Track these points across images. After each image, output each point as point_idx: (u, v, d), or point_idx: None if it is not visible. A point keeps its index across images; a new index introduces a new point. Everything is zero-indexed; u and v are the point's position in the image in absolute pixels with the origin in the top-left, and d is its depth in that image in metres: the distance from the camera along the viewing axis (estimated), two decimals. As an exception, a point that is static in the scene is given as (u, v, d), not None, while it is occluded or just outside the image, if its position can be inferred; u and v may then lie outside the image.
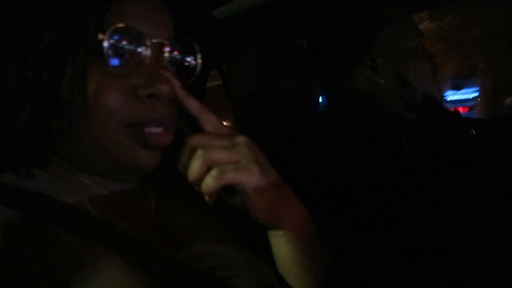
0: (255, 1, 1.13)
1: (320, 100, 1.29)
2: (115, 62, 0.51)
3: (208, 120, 0.55)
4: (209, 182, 0.50)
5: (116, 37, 0.51)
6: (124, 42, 0.52)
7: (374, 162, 0.91)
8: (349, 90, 1.04)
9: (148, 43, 0.52)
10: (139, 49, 0.52)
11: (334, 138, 0.96)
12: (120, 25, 0.51)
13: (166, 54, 0.54)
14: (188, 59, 0.59)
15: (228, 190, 0.53)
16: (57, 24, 0.51)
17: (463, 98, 7.24)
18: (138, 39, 0.52)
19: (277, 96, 1.18)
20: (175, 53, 0.57)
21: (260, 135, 1.21)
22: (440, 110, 1.04)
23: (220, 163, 0.50)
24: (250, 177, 0.51)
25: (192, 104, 0.54)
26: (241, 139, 0.53)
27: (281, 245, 0.57)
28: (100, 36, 0.50)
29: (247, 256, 0.59)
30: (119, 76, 0.52)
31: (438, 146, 0.95)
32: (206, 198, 0.51)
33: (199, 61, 0.60)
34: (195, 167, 0.50)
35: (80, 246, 0.48)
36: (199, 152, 0.50)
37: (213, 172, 0.50)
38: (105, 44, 0.50)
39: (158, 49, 0.54)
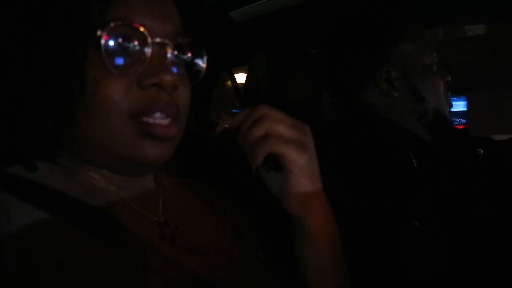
0: (271, 7, 1.13)
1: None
2: (115, 58, 0.51)
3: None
4: (263, 145, 0.52)
5: (116, 34, 0.51)
6: (124, 39, 0.51)
7: (380, 175, 0.90)
8: (362, 101, 1.03)
9: (150, 42, 0.51)
10: (140, 48, 0.52)
11: (342, 148, 0.95)
12: (120, 22, 0.50)
13: (169, 55, 0.53)
14: (193, 61, 0.59)
15: (272, 166, 0.56)
16: (58, 18, 0.51)
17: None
18: (139, 37, 0.52)
19: (285, 102, 1.18)
20: (179, 53, 0.56)
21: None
22: (450, 127, 1.03)
23: (280, 135, 0.53)
24: (300, 157, 0.53)
25: (257, 112, 0.55)
26: (307, 128, 0.56)
27: (303, 242, 0.58)
28: (99, 32, 0.50)
29: (250, 259, 0.60)
30: (121, 68, 0.51)
31: (446, 163, 0.94)
32: (252, 161, 0.53)
33: (204, 64, 0.59)
34: (257, 129, 0.53)
35: (90, 244, 0.47)
36: (265, 121, 0.53)
37: (271, 138, 0.52)
38: (104, 40, 0.49)
39: (160, 48, 0.53)
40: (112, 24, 0.50)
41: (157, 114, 0.52)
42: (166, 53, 0.53)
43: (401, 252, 0.85)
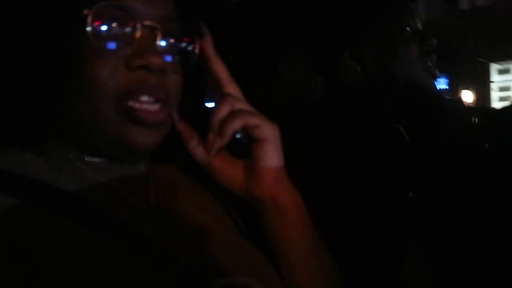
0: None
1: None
2: (101, 39, 0.50)
3: (234, 90, 0.59)
4: (234, 119, 0.54)
5: (103, 14, 0.49)
6: (112, 20, 0.50)
7: (372, 150, 0.90)
8: (338, 79, 1.01)
9: (138, 25, 0.50)
10: (128, 30, 0.51)
11: (331, 129, 0.95)
12: (108, 2, 0.49)
13: (159, 38, 0.52)
14: (185, 47, 0.57)
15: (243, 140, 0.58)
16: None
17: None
18: (127, 19, 0.50)
19: (279, 85, 1.17)
20: (170, 38, 0.55)
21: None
22: (429, 97, 0.98)
23: (245, 110, 0.56)
24: (272, 126, 0.56)
25: (219, 68, 0.59)
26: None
27: (275, 220, 0.58)
28: (86, 11, 0.48)
29: (245, 247, 0.59)
30: (108, 50, 0.50)
31: (438, 134, 0.94)
32: (223, 136, 0.55)
33: (197, 51, 0.57)
34: (224, 107, 0.55)
35: (75, 233, 0.47)
36: (227, 99, 0.56)
37: (240, 113, 0.55)
38: (90, 20, 0.48)
39: (149, 32, 0.52)
40: (99, 4, 0.49)
41: (144, 97, 0.51)
42: (155, 36, 0.52)
43: (397, 223, 0.85)
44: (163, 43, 0.53)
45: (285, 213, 0.57)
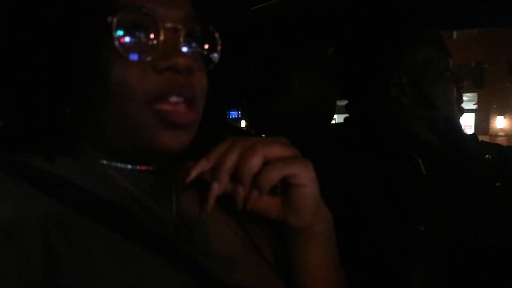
0: (284, 7, 1.12)
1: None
2: (126, 44, 0.50)
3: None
4: (270, 173, 0.50)
5: (126, 20, 0.50)
6: (135, 25, 0.51)
7: (387, 179, 0.90)
8: (372, 104, 1.02)
9: (161, 27, 0.51)
10: (152, 33, 0.51)
11: (349, 150, 0.95)
12: (130, 8, 0.50)
13: (182, 39, 0.52)
14: (207, 46, 0.58)
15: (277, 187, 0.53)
16: (68, 4, 0.51)
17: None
18: (150, 23, 0.51)
19: (293, 101, 1.17)
20: (193, 38, 0.55)
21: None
22: (460, 135, 1.02)
23: (278, 156, 0.51)
24: (307, 169, 0.52)
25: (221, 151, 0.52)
26: (283, 139, 0.54)
27: (310, 247, 0.57)
28: (110, 18, 0.49)
29: (260, 258, 0.60)
30: (134, 54, 0.51)
31: (454, 169, 0.94)
32: (260, 191, 0.51)
33: (219, 49, 0.58)
34: (254, 161, 0.50)
35: (108, 239, 0.48)
36: (256, 147, 0.50)
37: (275, 164, 0.50)
38: (115, 26, 0.49)
39: (172, 33, 0.52)
40: (122, 10, 0.50)
41: (173, 98, 0.51)
42: (179, 37, 0.52)
43: (406, 257, 0.84)
44: (186, 44, 0.53)
45: (318, 239, 0.56)
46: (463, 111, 1.06)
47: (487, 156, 0.98)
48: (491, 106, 14.32)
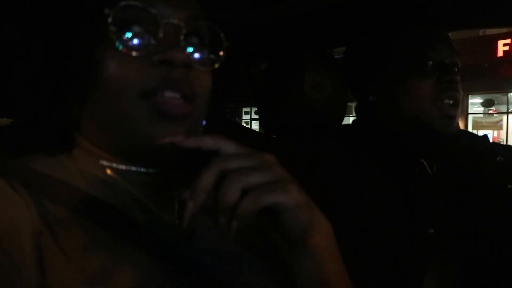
0: (293, 10, 1.12)
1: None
2: (123, 37, 0.50)
3: (228, 146, 0.49)
4: (248, 206, 0.45)
5: (125, 13, 0.50)
6: (134, 19, 0.51)
7: (395, 182, 0.89)
8: (369, 104, 1.00)
9: (160, 24, 0.51)
10: (151, 29, 0.51)
11: (358, 153, 0.94)
12: (130, 1, 0.50)
13: (182, 36, 0.52)
14: (211, 45, 0.56)
15: (261, 212, 0.48)
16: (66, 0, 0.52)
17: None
18: (149, 18, 0.51)
19: (305, 102, 1.17)
20: (195, 37, 0.55)
21: (285, 141, 1.21)
22: (437, 139, 0.92)
23: (256, 185, 0.46)
24: (289, 196, 0.47)
25: (207, 143, 0.49)
26: (269, 157, 0.49)
27: (307, 260, 0.53)
28: (107, 11, 0.49)
29: (264, 262, 0.59)
30: (130, 48, 0.50)
31: (463, 171, 0.92)
32: (240, 222, 0.46)
33: (223, 50, 0.57)
34: (230, 192, 0.45)
35: (107, 242, 0.48)
36: (233, 176, 0.45)
37: (252, 195, 0.45)
38: (112, 19, 0.49)
39: (172, 30, 0.52)
40: (121, 3, 0.49)
41: (169, 93, 0.51)
42: (179, 34, 0.52)
43: (416, 260, 0.83)
44: (187, 42, 0.53)
45: (315, 252, 0.53)
46: (446, 112, 0.89)
47: (498, 158, 0.96)
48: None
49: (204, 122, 0.58)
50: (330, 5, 1.05)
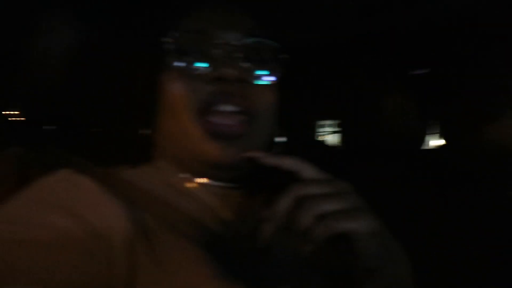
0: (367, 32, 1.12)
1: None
2: (181, 60, 0.55)
3: (307, 170, 0.52)
4: (321, 231, 0.46)
5: (182, 39, 0.55)
6: (190, 44, 0.55)
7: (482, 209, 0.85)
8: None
9: (216, 45, 0.55)
10: (205, 50, 0.55)
11: (437, 177, 0.92)
12: (186, 29, 0.55)
13: (236, 54, 0.55)
14: (267, 60, 0.59)
15: (334, 240, 0.49)
16: (134, 29, 0.59)
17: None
18: (205, 40, 0.55)
19: (387, 121, 1.16)
20: (249, 55, 0.57)
21: (363, 162, 1.20)
22: None
23: (331, 212, 0.47)
24: (363, 224, 0.48)
25: (287, 163, 0.52)
26: (345, 186, 0.51)
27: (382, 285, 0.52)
28: (167, 38, 0.54)
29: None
30: (188, 68, 0.55)
31: None
32: (311, 247, 0.48)
33: (280, 65, 0.59)
34: (305, 218, 0.47)
35: (184, 247, 0.51)
36: (309, 203, 0.47)
37: (326, 221, 0.47)
38: (171, 45, 0.54)
39: (225, 50, 0.55)
40: (179, 30, 0.55)
41: (222, 106, 0.54)
42: (233, 52, 0.55)
43: None
44: (242, 59, 0.56)
45: (390, 282, 0.52)
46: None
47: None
48: None
49: (278, 140, 0.62)
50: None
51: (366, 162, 1.19)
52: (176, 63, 0.55)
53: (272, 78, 0.59)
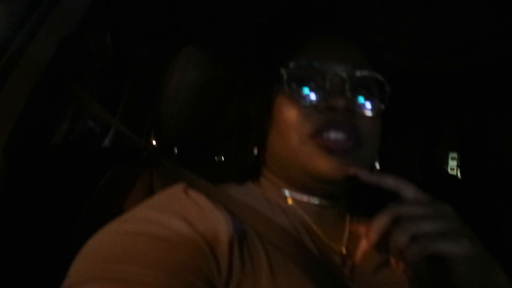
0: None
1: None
2: (295, 90, 0.60)
3: (407, 190, 0.53)
4: (415, 251, 0.47)
5: (296, 71, 0.60)
6: (303, 75, 0.60)
7: None
8: None
9: (327, 77, 0.58)
10: (317, 81, 0.59)
11: None
12: (300, 62, 0.60)
13: (346, 86, 0.58)
14: (373, 93, 0.62)
15: (430, 261, 0.50)
16: (251, 66, 0.67)
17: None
18: (318, 73, 0.59)
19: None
20: (359, 86, 0.60)
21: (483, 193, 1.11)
22: None
23: (427, 233, 0.48)
24: (460, 248, 0.47)
25: (388, 182, 0.54)
26: (446, 207, 0.51)
27: None
28: (282, 71, 0.60)
29: None
30: (301, 98, 0.59)
31: None
32: (405, 266, 0.50)
33: (385, 96, 0.62)
34: (401, 238, 0.48)
35: (278, 260, 0.53)
36: (405, 223, 0.49)
37: (420, 241, 0.47)
38: (286, 77, 0.59)
39: (336, 81, 0.59)
40: (292, 64, 0.60)
41: (332, 133, 0.57)
42: (343, 84, 0.58)
43: None
44: (350, 89, 0.58)
45: None
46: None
47: None
48: None
49: (378, 165, 0.64)
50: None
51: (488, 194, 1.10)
52: (291, 92, 0.59)
53: (379, 108, 0.61)
